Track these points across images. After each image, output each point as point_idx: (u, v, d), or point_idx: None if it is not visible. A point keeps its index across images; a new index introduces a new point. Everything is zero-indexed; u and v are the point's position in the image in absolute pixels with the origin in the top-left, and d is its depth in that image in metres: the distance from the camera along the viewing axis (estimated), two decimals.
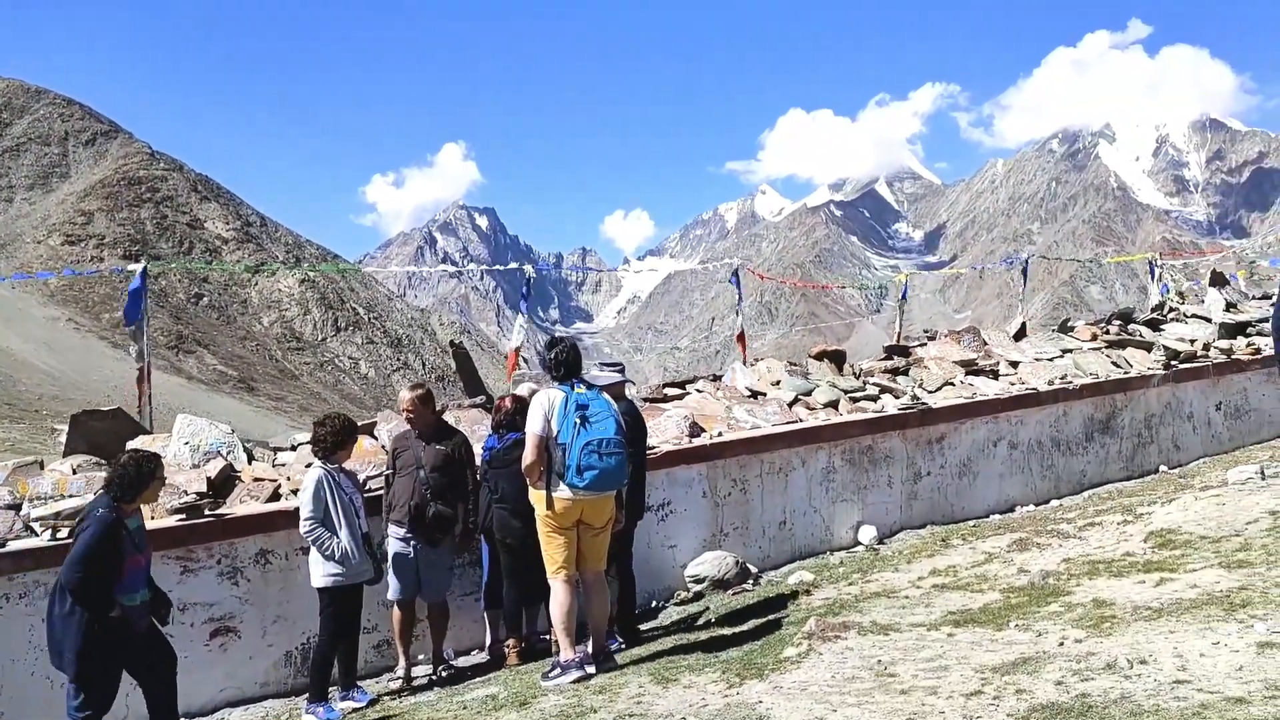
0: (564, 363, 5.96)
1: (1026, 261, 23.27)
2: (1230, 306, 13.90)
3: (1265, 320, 13.46)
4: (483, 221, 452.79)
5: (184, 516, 6.44)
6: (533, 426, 5.73)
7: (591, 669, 5.71)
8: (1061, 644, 4.81)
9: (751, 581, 7.89)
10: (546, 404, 5.77)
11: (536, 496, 5.80)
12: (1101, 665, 4.35)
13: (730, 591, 7.64)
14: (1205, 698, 3.88)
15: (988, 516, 9.59)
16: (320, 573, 6.09)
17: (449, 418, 8.51)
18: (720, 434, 8.73)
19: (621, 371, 6.95)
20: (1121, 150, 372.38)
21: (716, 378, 10.83)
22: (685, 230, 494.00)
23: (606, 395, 5.99)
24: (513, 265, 19.79)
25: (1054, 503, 9.95)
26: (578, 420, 5.64)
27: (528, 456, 5.72)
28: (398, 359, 78.82)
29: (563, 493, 5.69)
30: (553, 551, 5.80)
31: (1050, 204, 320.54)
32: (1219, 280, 15.34)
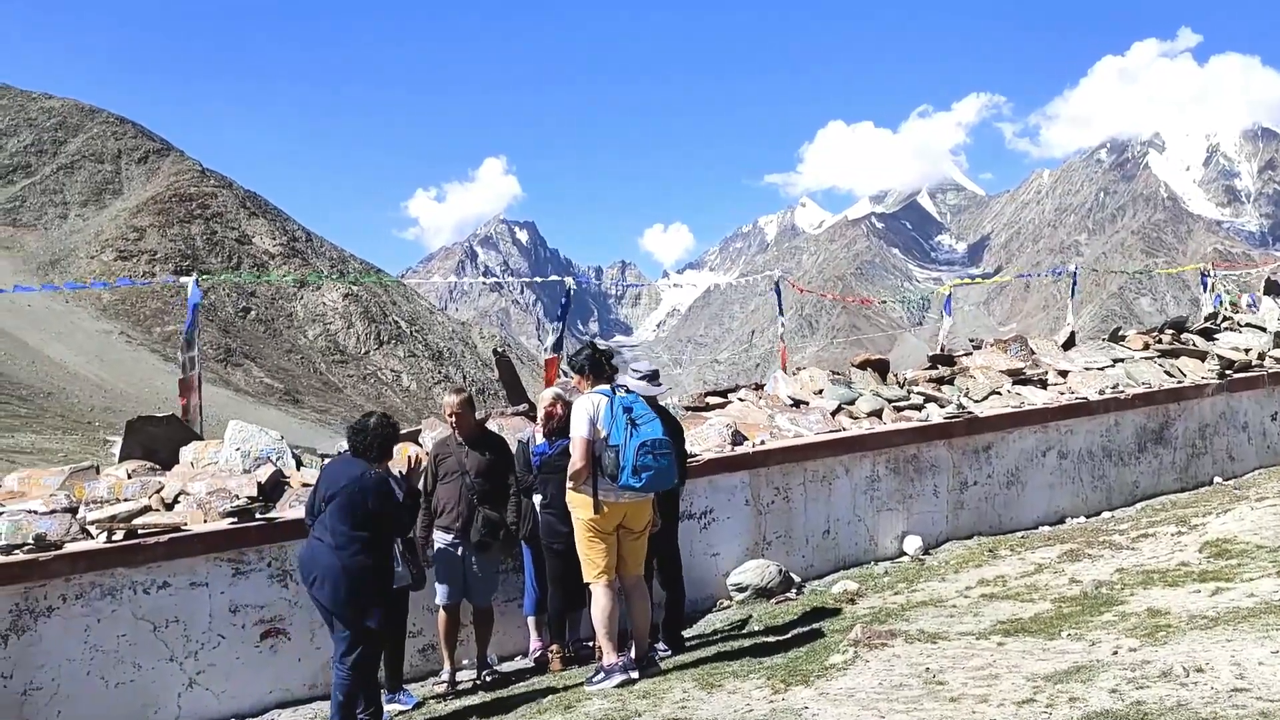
0: (604, 365, 6.02)
1: (1075, 272, 22.94)
2: None
3: None
4: (523, 235, 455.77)
5: (236, 520, 6.53)
6: (580, 430, 5.76)
7: (635, 674, 5.71)
8: (1115, 653, 4.72)
9: (795, 590, 7.84)
10: (591, 408, 5.80)
11: (581, 501, 5.81)
12: (1157, 674, 4.27)
13: (773, 600, 7.59)
14: (1265, 706, 3.79)
15: (1036, 527, 9.45)
16: None
17: (491, 425, 8.56)
18: (763, 442, 8.69)
19: (655, 380, 6.68)
20: (1171, 160, 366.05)
21: (759, 386, 10.79)
22: (725, 243, 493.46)
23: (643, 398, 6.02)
24: (553, 278, 19.90)
25: (1105, 514, 9.78)
26: (628, 422, 5.68)
27: (578, 460, 5.74)
28: (439, 371, 79.45)
29: (612, 495, 5.71)
30: (594, 556, 5.82)
31: (1098, 215, 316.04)
32: (1275, 289, 15.01)
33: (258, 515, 6.66)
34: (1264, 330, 12.86)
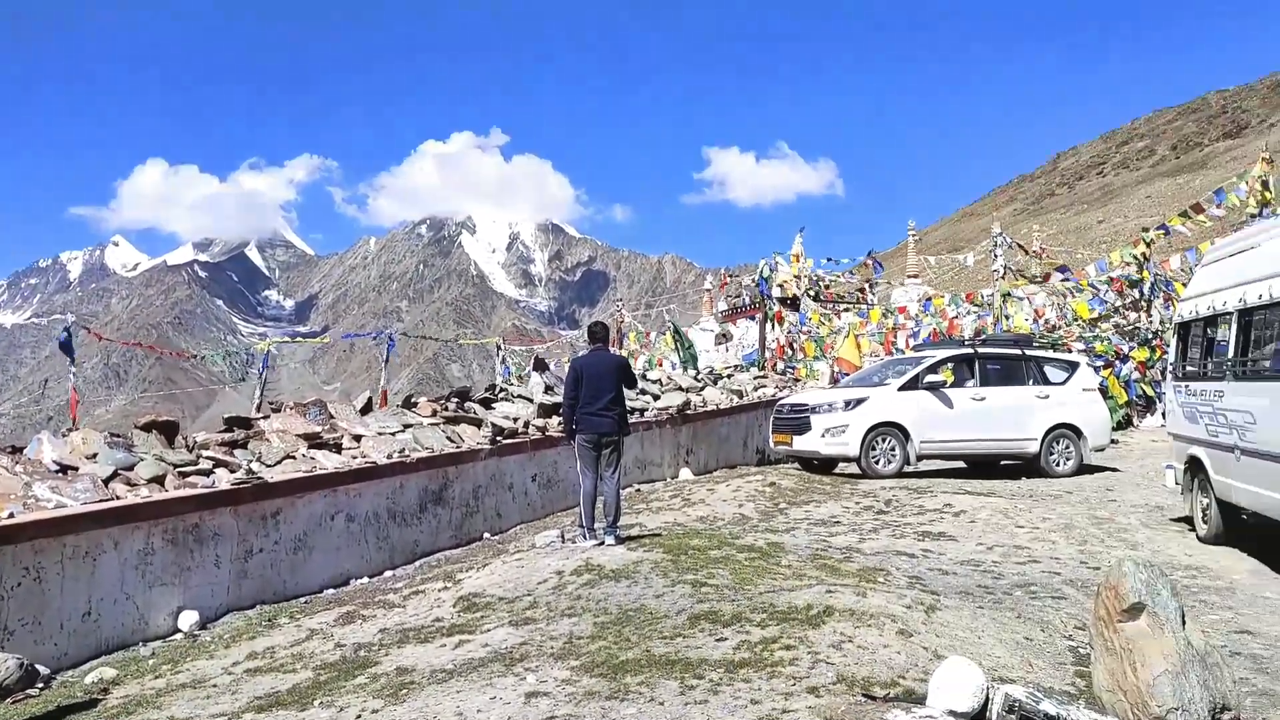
0: None
1: (391, 337, 24.27)
2: (548, 389, 15.83)
3: None
4: None
5: None
6: None
7: None
8: (359, 716, 4.91)
9: (40, 685, 6.86)
10: None
11: None
12: None
13: (10, 700, 6.55)
14: None
15: (322, 591, 9.57)
16: None
17: None
18: (11, 515, 7.54)
19: None
20: (481, 242, 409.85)
21: (16, 450, 9.38)
22: (16, 278, 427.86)
23: None
24: None
25: (388, 573, 10.27)
26: None
27: None
28: None
29: None
30: None
31: (418, 284, 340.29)
32: (541, 365, 17.43)
33: None
34: (531, 401, 14.83)
